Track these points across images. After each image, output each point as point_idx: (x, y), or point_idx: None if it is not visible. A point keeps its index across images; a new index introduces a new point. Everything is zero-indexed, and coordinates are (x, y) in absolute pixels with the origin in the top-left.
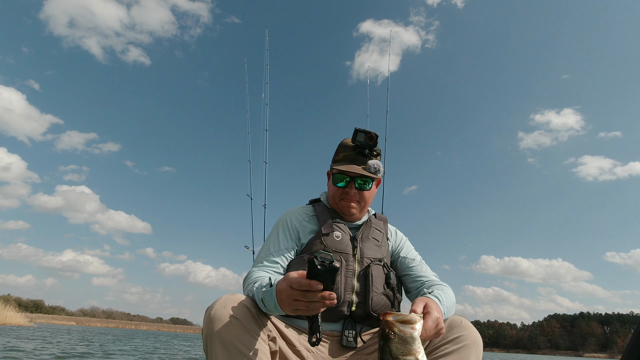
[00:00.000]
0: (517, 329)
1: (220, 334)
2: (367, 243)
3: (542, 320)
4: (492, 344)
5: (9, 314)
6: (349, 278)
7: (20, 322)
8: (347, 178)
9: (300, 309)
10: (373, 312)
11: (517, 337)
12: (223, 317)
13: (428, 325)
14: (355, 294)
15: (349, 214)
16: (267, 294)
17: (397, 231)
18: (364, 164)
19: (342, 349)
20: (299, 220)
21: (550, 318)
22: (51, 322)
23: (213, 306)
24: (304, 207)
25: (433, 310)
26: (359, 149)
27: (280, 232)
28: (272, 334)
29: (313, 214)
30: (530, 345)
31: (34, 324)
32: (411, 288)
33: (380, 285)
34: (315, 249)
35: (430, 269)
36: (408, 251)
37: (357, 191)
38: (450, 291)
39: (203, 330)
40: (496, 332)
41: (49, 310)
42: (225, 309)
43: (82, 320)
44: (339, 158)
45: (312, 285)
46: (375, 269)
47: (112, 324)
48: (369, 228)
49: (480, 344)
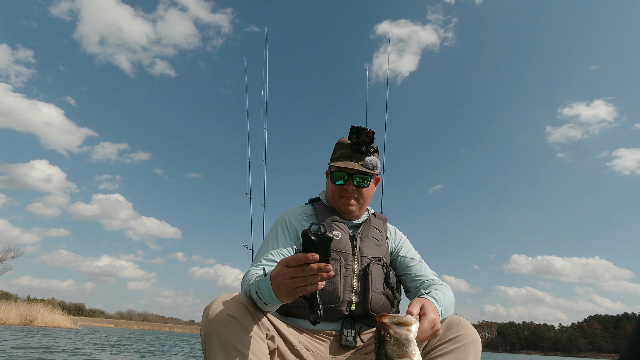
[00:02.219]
0: (555, 330)
1: (219, 333)
2: (367, 242)
3: (581, 322)
4: (528, 346)
5: (57, 317)
6: (348, 278)
7: (67, 325)
8: (345, 175)
9: (298, 288)
10: (372, 311)
11: (556, 339)
12: (221, 316)
13: (424, 327)
14: (355, 293)
15: (348, 212)
16: (261, 283)
17: (397, 230)
18: (361, 160)
19: (341, 348)
20: (298, 219)
21: (590, 319)
22: (92, 324)
23: (211, 305)
24: (303, 206)
25: (429, 312)
26: (355, 146)
27: (279, 231)
28: (271, 332)
29: (312, 214)
30: (570, 347)
31: (78, 326)
32: (410, 287)
33: (379, 284)
34: None
35: (429, 268)
36: (407, 250)
37: (355, 188)
38: (449, 291)
39: (201, 330)
40: (532, 333)
41: (89, 313)
42: (224, 308)
43: (119, 322)
44: (336, 156)
45: (309, 257)
46: (375, 268)
47: (147, 326)
48: (368, 227)
49: (479, 344)
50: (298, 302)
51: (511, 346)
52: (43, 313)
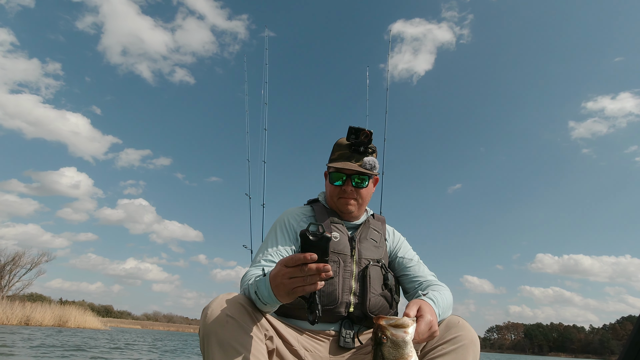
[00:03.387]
0: (586, 332)
1: (217, 334)
2: (365, 244)
3: (614, 323)
4: (557, 348)
5: (88, 318)
6: (347, 279)
7: (98, 326)
8: (344, 176)
9: (297, 288)
10: (371, 313)
11: (586, 341)
12: (220, 316)
13: (421, 329)
14: (353, 295)
15: (347, 212)
16: (260, 283)
17: (395, 231)
18: (360, 161)
19: (339, 349)
20: (297, 220)
21: (624, 320)
22: (120, 325)
23: (210, 305)
24: (302, 207)
25: (426, 313)
26: (354, 146)
27: (278, 232)
28: (269, 333)
29: (311, 215)
30: (602, 349)
31: (108, 327)
32: (409, 289)
33: (378, 286)
34: None
35: (428, 269)
36: (406, 251)
37: (354, 189)
38: (447, 291)
39: (200, 330)
40: (561, 335)
41: (117, 315)
42: (222, 308)
43: (146, 324)
44: (334, 157)
45: (307, 257)
46: (373, 270)
47: (172, 327)
48: (367, 229)
49: (477, 344)
50: (296, 302)
51: (539, 348)
52: (75, 315)
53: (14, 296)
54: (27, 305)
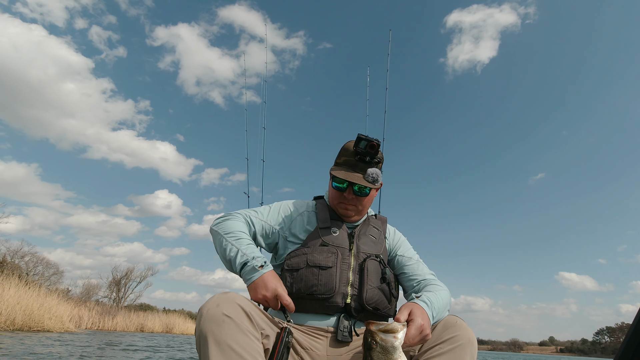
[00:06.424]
0: None
1: (214, 333)
2: (364, 239)
3: None
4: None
5: (189, 325)
6: (344, 271)
7: None
8: (346, 183)
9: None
10: (367, 305)
11: None
12: (216, 316)
13: (411, 333)
14: (351, 286)
15: (347, 216)
16: (251, 269)
17: (396, 231)
18: (364, 171)
19: (337, 343)
20: (298, 210)
21: None
22: None
23: (206, 305)
24: (307, 201)
25: (417, 317)
26: (360, 155)
27: (274, 207)
28: (266, 331)
29: (313, 210)
30: None
31: None
32: (407, 287)
33: (375, 279)
34: (313, 244)
35: (427, 268)
36: (405, 250)
37: (355, 197)
38: (444, 291)
39: (196, 330)
40: None
41: None
42: (218, 308)
43: None
44: (340, 161)
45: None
46: (371, 263)
47: None
48: (366, 226)
49: (475, 344)
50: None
51: None
52: (179, 322)
53: (129, 306)
54: (141, 314)
